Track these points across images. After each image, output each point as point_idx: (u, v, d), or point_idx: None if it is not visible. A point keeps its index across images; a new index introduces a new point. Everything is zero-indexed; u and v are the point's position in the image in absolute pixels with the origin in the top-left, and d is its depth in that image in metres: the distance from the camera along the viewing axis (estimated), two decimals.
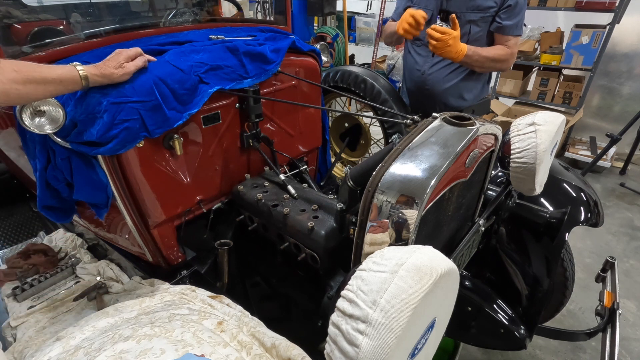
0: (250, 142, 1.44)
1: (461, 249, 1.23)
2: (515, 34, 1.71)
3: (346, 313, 0.64)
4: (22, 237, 1.91)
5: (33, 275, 1.45)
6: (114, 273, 1.44)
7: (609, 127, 3.81)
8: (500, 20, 1.69)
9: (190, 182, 1.31)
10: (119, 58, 1.02)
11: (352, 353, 0.61)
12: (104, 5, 2.02)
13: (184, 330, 0.84)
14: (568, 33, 3.52)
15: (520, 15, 1.68)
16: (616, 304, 1.34)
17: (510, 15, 1.67)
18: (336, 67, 2.42)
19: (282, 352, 0.85)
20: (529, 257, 1.46)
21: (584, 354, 1.93)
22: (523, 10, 1.69)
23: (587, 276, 2.39)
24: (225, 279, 1.31)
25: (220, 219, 1.48)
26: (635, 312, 2.17)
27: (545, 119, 1.25)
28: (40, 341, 1.13)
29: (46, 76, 0.86)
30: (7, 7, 1.39)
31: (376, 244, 0.93)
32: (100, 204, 1.15)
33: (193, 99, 1.17)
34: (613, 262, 1.51)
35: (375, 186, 0.90)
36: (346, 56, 5.16)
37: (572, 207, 1.42)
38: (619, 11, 3.20)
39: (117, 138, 1.00)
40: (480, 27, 1.75)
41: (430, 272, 0.65)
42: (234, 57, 1.29)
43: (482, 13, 1.71)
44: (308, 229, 1.16)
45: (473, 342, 1.48)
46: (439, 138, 0.98)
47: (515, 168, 1.27)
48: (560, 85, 3.70)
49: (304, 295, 1.40)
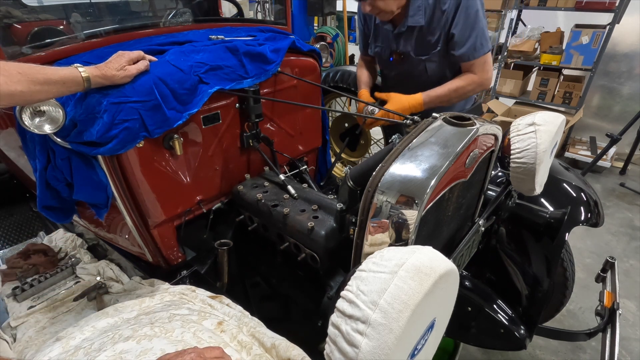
0: (250, 142, 1.44)
1: (461, 249, 1.23)
2: (474, 57, 1.59)
3: (346, 313, 0.64)
4: (22, 237, 1.91)
5: (33, 275, 1.45)
6: (114, 273, 1.44)
7: (609, 127, 3.81)
8: (453, 51, 1.60)
9: (190, 182, 1.31)
10: (121, 60, 1.02)
11: (352, 354, 0.61)
12: (104, 5, 2.03)
13: (184, 331, 0.84)
14: (568, 33, 3.52)
15: (470, 39, 1.55)
16: (616, 304, 1.34)
17: (459, 44, 1.57)
18: (336, 67, 2.42)
19: (282, 352, 0.86)
20: (529, 257, 1.46)
21: (584, 354, 1.93)
22: (474, 31, 1.54)
23: (587, 276, 2.39)
24: (225, 279, 1.31)
25: (220, 219, 1.48)
26: (635, 312, 2.17)
27: (545, 119, 1.24)
28: (40, 341, 1.13)
29: (49, 78, 0.87)
30: (7, 7, 1.39)
31: (376, 244, 0.92)
32: (100, 204, 1.15)
33: (193, 99, 1.17)
34: (613, 262, 1.51)
35: (375, 186, 0.90)
36: (346, 56, 5.16)
37: (572, 207, 1.42)
38: (619, 11, 3.20)
39: (117, 138, 1.00)
40: (436, 61, 1.68)
41: (430, 272, 0.65)
42: (234, 57, 1.29)
43: (432, 50, 1.66)
44: (308, 229, 1.16)
45: (473, 342, 1.48)
46: (439, 138, 0.98)
47: (515, 168, 1.27)
48: (560, 85, 3.70)
49: (304, 296, 1.40)
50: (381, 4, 1.55)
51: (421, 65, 1.74)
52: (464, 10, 1.51)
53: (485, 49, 1.59)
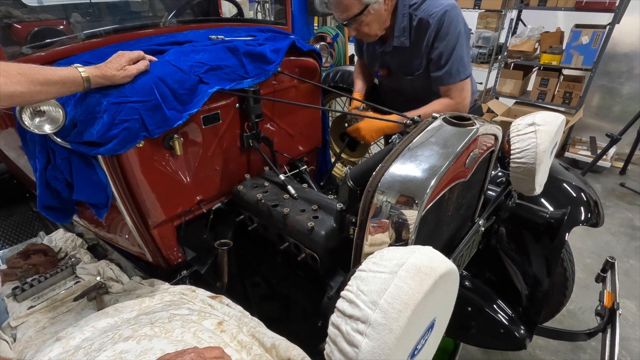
0: (250, 142, 1.44)
1: (461, 249, 1.23)
2: (451, 82, 1.58)
3: (346, 313, 0.64)
4: (22, 237, 1.91)
5: (33, 275, 1.45)
6: (114, 273, 1.44)
7: (609, 127, 3.81)
8: (432, 73, 1.61)
9: (190, 182, 1.31)
10: (121, 60, 1.02)
11: (352, 354, 0.61)
12: (104, 5, 2.02)
13: (184, 331, 0.84)
14: (568, 33, 3.52)
15: (447, 65, 1.55)
16: (616, 304, 1.34)
17: (438, 67, 1.58)
18: (336, 67, 2.42)
19: (282, 352, 0.86)
20: (529, 257, 1.46)
21: (584, 354, 1.93)
22: (452, 57, 1.54)
23: (587, 276, 2.39)
24: (225, 279, 1.31)
25: (220, 219, 1.48)
26: (635, 312, 2.17)
27: (545, 119, 1.25)
28: (40, 341, 1.13)
29: (49, 78, 0.87)
30: (7, 7, 1.39)
31: (376, 244, 0.92)
32: (100, 204, 1.15)
33: (193, 99, 1.17)
34: (613, 262, 1.51)
35: (375, 186, 0.90)
36: (346, 56, 5.15)
37: (572, 207, 1.42)
38: (619, 11, 3.20)
39: (117, 138, 1.00)
40: (421, 80, 1.70)
41: (430, 272, 0.65)
42: (234, 57, 1.29)
43: (416, 71, 1.67)
44: (308, 229, 1.16)
45: (473, 342, 1.48)
46: (439, 138, 0.98)
47: (515, 168, 1.27)
48: (560, 85, 3.70)
49: (304, 296, 1.40)
50: (366, 29, 1.58)
51: (407, 83, 1.76)
52: (444, 36, 1.52)
53: (462, 76, 1.58)
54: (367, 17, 1.52)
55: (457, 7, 1.55)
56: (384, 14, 1.55)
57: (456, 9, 1.54)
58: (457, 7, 1.55)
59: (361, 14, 1.51)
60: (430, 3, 1.54)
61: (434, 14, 1.51)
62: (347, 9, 1.50)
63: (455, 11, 1.53)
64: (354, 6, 1.49)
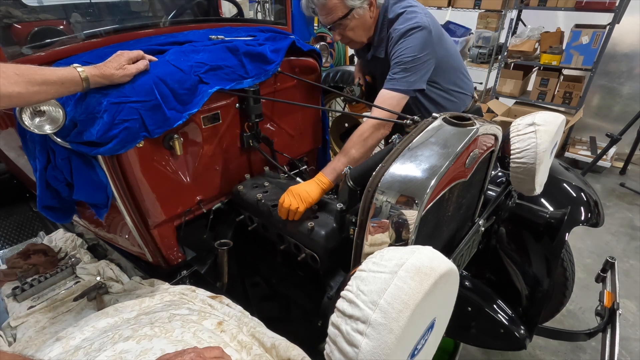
0: (250, 142, 1.44)
1: (461, 249, 1.23)
2: (387, 87, 1.47)
3: (346, 313, 0.64)
4: (22, 237, 1.91)
5: (33, 275, 1.45)
6: (114, 273, 1.44)
7: (609, 127, 3.81)
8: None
9: (190, 182, 1.31)
10: (120, 59, 1.02)
11: (352, 354, 0.61)
12: (104, 5, 2.02)
13: (184, 331, 0.84)
14: (568, 33, 3.52)
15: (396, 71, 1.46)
16: (616, 304, 1.34)
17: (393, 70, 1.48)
18: (336, 67, 2.42)
19: (282, 352, 0.86)
20: (529, 257, 1.46)
21: (584, 354, 1.93)
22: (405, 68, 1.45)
23: (587, 276, 2.39)
24: (225, 279, 1.31)
25: (220, 219, 1.48)
26: (635, 312, 2.17)
27: (545, 119, 1.25)
28: (40, 341, 1.13)
29: (48, 78, 0.86)
30: (7, 7, 1.39)
31: (376, 244, 0.92)
32: (100, 204, 1.15)
33: (193, 99, 1.17)
34: (613, 262, 1.51)
35: (375, 186, 0.90)
36: (346, 56, 5.15)
37: (572, 207, 1.42)
38: (619, 11, 3.19)
39: (117, 138, 1.00)
40: None
41: (430, 272, 0.65)
42: (234, 57, 1.29)
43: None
44: (308, 229, 1.16)
45: (473, 342, 1.48)
46: (439, 138, 0.98)
47: (515, 168, 1.27)
48: (560, 85, 3.70)
49: (304, 296, 1.40)
50: (351, 34, 1.57)
51: None
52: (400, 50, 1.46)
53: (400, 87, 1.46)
54: (351, 21, 1.51)
55: (425, 30, 1.44)
56: (369, 20, 1.54)
57: (423, 32, 1.43)
58: (426, 31, 1.44)
59: (345, 18, 1.49)
60: (405, 17, 1.48)
61: (398, 30, 1.47)
62: (331, 11, 1.48)
63: (420, 34, 1.43)
64: (337, 9, 1.47)
